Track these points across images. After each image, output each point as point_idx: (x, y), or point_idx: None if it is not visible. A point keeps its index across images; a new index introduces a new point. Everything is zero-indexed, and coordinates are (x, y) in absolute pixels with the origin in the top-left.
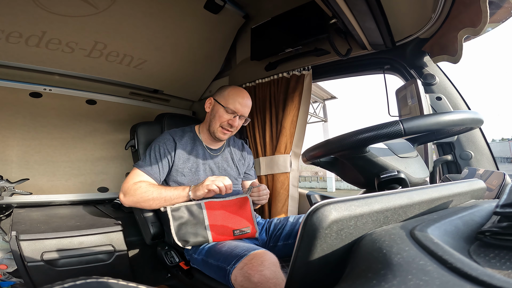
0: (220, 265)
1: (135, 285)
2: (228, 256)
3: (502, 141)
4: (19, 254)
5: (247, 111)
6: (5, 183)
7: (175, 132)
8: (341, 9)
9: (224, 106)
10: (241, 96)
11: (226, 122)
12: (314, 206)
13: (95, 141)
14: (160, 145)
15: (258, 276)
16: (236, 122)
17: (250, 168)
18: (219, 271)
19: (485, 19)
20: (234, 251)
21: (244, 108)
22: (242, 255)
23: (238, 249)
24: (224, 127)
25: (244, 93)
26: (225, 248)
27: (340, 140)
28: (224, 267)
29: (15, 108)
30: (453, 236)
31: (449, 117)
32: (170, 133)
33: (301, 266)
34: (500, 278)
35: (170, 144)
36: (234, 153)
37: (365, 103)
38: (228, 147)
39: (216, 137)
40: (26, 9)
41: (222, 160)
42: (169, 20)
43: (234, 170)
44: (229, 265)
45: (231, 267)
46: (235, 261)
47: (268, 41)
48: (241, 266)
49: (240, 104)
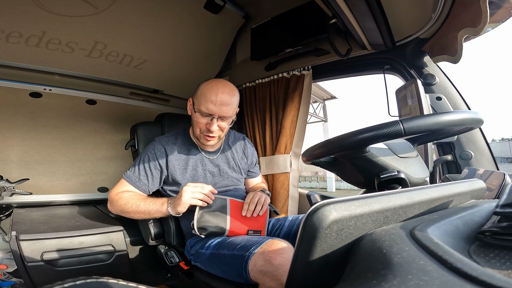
0: (236, 253)
1: (135, 285)
2: (246, 244)
3: (502, 141)
4: (19, 254)
5: (225, 110)
6: (5, 183)
7: (167, 139)
8: (341, 9)
9: (196, 110)
10: (214, 93)
11: (204, 126)
12: (314, 206)
13: (95, 141)
14: (149, 156)
15: (280, 259)
16: (213, 126)
17: (254, 165)
18: (233, 259)
19: (485, 19)
20: (250, 240)
21: (220, 108)
22: (261, 241)
23: (254, 239)
24: (204, 133)
25: (218, 87)
26: (239, 239)
27: (340, 140)
28: (241, 254)
29: (15, 108)
30: (453, 236)
31: (449, 117)
32: (160, 142)
33: (301, 266)
34: (500, 278)
35: (161, 154)
36: (235, 152)
37: (365, 103)
38: (227, 146)
39: (201, 143)
40: (26, 9)
41: (222, 161)
42: (169, 20)
43: (236, 171)
44: (248, 251)
45: (251, 252)
46: (255, 246)
47: (268, 41)
48: (261, 251)
49: (213, 103)
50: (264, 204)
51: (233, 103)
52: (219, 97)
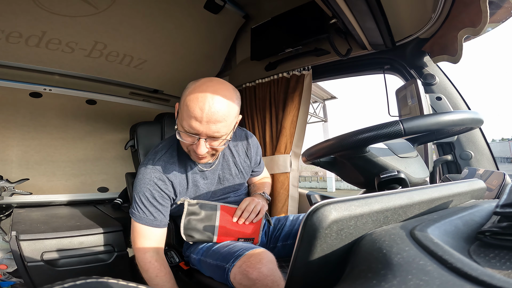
0: (218, 264)
1: (135, 285)
2: (227, 255)
3: (502, 141)
4: (19, 254)
5: (216, 128)
6: (5, 183)
7: (163, 166)
8: (341, 9)
9: (178, 124)
10: (199, 106)
11: (190, 147)
12: (314, 206)
13: (95, 141)
14: (155, 189)
15: (256, 273)
16: (201, 148)
17: (258, 164)
18: (217, 270)
19: (485, 19)
20: (232, 250)
21: (207, 126)
22: (240, 253)
23: (236, 248)
24: (192, 152)
25: (206, 97)
26: (223, 247)
27: (340, 140)
28: (222, 266)
29: (15, 108)
30: (453, 236)
31: (449, 117)
32: (158, 170)
33: (301, 266)
34: (500, 278)
35: (166, 186)
36: (237, 155)
37: (365, 103)
38: (228, 150)
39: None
40: (26, 9)
41: (223, 169)
42: (169, 20)
43: (238, 177)
44: (228, 263)
45: (230, 265)
46: (234, 259)
47: (268, 41)
48: (239, 264)
49: (198, 121)
50: (260, 213)
51: (227, 118)
52: (206, 112)
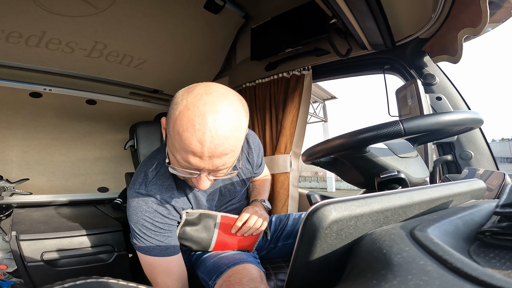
0: (204, 278)
1: (135, 285)
2: (211, 270)
3: (502, 141)
4: (19, 254)
5: (221, 162)
6: (5, 183)
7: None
8: (341, 9)
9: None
10: (198, 139)
11: (189, 179)
12: (314, 206)
13: (95, 141)
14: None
15: None
16: (203, 183)
17: (259, 166)
18: (204, 282)
19: (485, 19)
20: (217, 264)
21: (210, 162)
22: (222, 270)
23: (221, 262)
24: (190, 183)
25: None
26: (211, 258)
27: (340, 140)
28: (207, 282)
29: (15, 108)
30: (453, 236)
31: (449, 117)
32: (157, 195)
33: (301, 266)
34: (500, 278)
35: (170, 212)
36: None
37: (365, 103)
38: None
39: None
40: (26, 9)
41: (224, 181)
42: (169, 20)
43: (239, 184)
44: (211, 280)
45: (212, 282)
46: (215, 277)
47: (268, 41)
48: (220, 283)
49: (198, 157)
50: (261, 226)
51: (235, 147)
52: (208, 146)
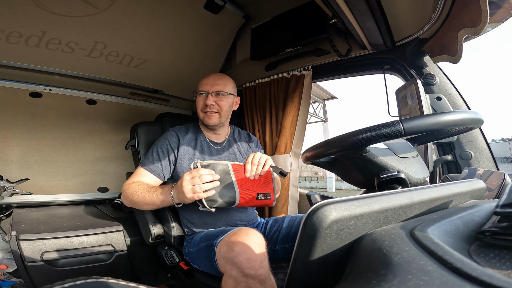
0: (208, 243)
1: (135, 285)
2: (217, 233)
3: (502, 141)
4: (19, 254)
5: (217, 87)
6: (5, 183)
7: (179, 129)
8: (341, 9)
9: (195, 95)
10: (206, 77)
11: (203, 105)
12: (314, 206)
13: (95, 141)
14: (163, 142)
15: (241, 246)
16: (210, 100)
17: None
18: (207, 250)
19: (485, 19)
20: (223, 231)
21: (212, 85)
22: (229, 230)
23: (227, 229)
24: (203, 111)
25: (210, 73)
26: (216, 231)
27: (340, 140)
28: (211, 243)
29: (15, 108)
30: (453, 236)
31: (449, 117)
32: (174, 130)
33: (301, 266)
34: (500, 278)
35: (174, 141)
36: (240, 145)
37: (365, 103)
38: (233, 139)
39: (205, 125)
40: (26, 9)
41: (229, 153)
42: (169, 20)
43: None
44: (216, 239)
45: (218, 239)
46: (223, 234)
47: (268, 41)
48: (226, 238)
49: (206, 84)
50: (265, 164)
51: (226, 83)
52: (211, 77)
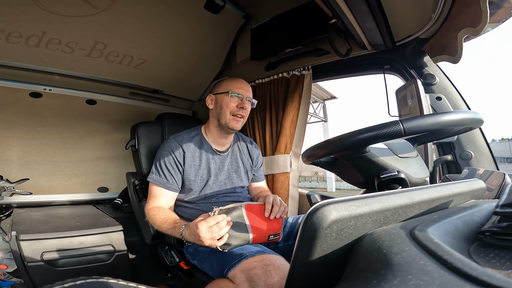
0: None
1: (135, 285)
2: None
3: (502, 141)
4: (19, 254)
5: (250, 94)
6: (5, 183)
7: (182, 138)
8: (341, 9)
9: (228, 92)
10: (240, 81)
11: (236, 107)
12: (314, 206)
13: (95, 141)
14: (169, 155)
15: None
16: (247, 104)
17: (259, 168)
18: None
19: (485, 19)
20: (232, 254)
21: (246, 91)
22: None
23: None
24: (235, 114)
25: (236, 78)
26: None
27: (340, 140)
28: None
29: (15, 108)
30: (453, 236)
31: (449, 117)
32: (177, 140)
33: (301, 266)
34: (500, 278)
35: (179, 153)
36: (242, 152)
37: (365, 103)
38: (236, 146)
39: (230, 128)
40: (26, 9)
41: (231, 161)
42: (169, 20)
43: (242, 171)
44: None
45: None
46: (232, 265)
47: (268, 41)
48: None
49: (240, 88)
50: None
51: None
52: (243, 82)
